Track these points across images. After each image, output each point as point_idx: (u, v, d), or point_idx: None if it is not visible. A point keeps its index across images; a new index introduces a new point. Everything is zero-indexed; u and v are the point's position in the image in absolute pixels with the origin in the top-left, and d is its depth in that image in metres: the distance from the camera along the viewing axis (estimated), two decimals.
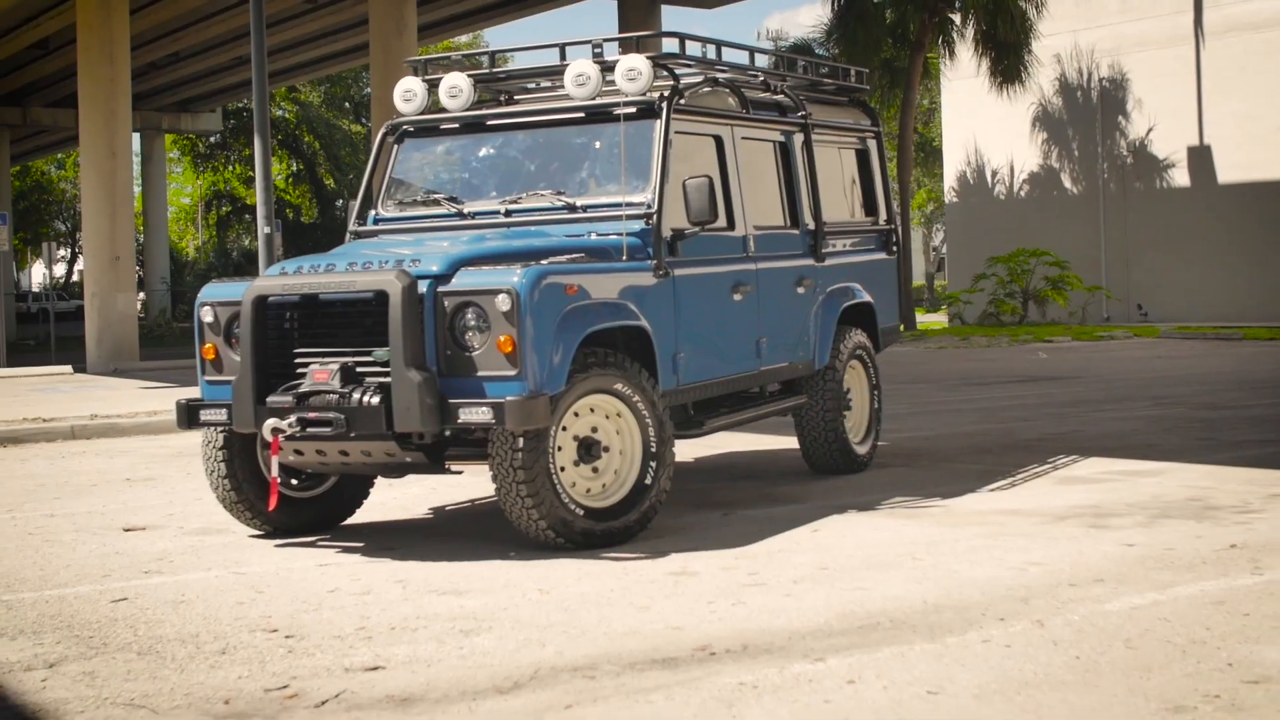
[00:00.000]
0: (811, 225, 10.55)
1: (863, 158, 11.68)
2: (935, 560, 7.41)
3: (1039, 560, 7.31)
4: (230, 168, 67.33)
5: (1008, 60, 35.79)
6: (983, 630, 5.90)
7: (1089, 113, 39.29)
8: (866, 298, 11.12)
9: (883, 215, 11.76)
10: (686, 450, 12.25)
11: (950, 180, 43.67)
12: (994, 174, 41.76)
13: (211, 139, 64.83)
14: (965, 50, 36.60)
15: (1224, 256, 35.96)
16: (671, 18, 40.70)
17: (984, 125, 41.09)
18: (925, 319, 45.68)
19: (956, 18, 36.08)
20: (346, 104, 66.73)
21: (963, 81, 40.09)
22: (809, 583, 6.95)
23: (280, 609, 6.78)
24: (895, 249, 11.82)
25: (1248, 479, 9.95)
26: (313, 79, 57.92)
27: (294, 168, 65.46)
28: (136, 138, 52.64)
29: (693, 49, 9.65)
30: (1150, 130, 37.66)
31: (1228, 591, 6.49)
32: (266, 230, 17.28)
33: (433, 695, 5.24)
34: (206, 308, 8.59)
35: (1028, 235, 38.26)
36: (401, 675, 5.52)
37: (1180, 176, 37.23)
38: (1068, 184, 40.03)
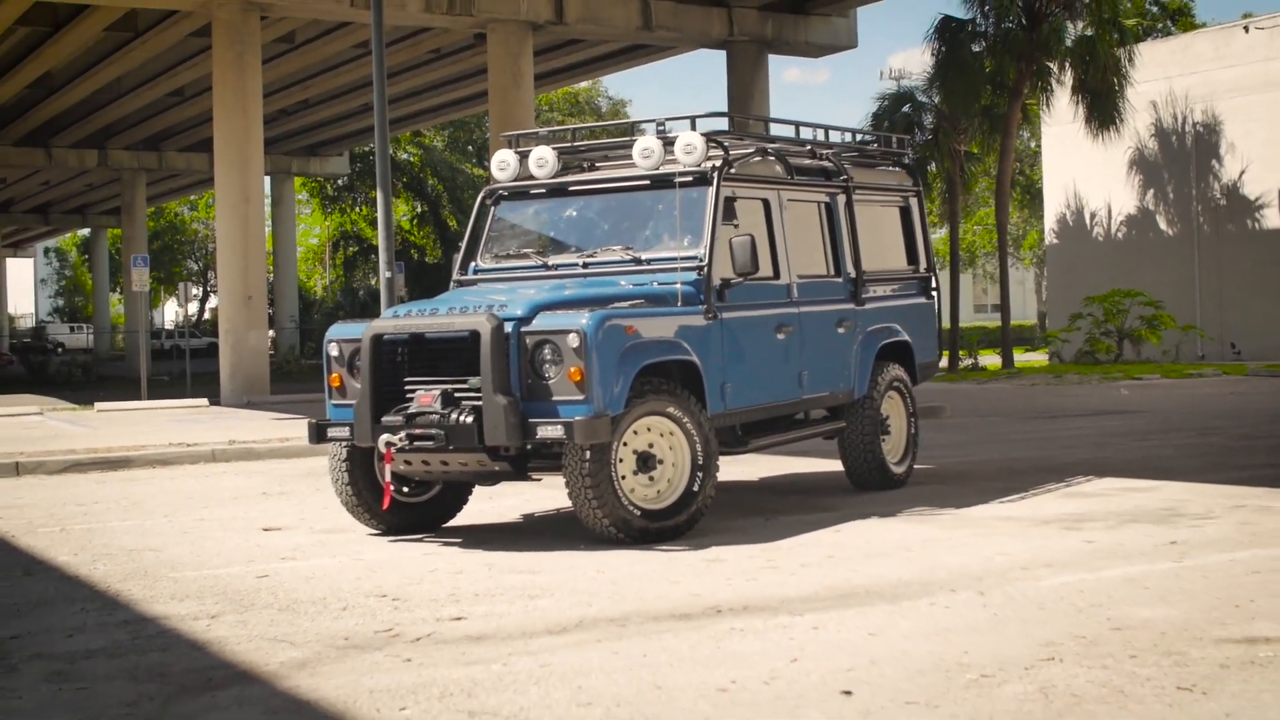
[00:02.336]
0: (853, 273, 12.16)
1: (905, 214, 13.30)
2: (925, 553, 8.99)
3: (1008, 552, 8.88)
4: (357, 209, 69.54)
5: (1103, 106, 36.79)
6: (934, 598, 7.50)
7: (1183, 156, 40.45)
8: (904, 336, 12.69)
9: (923, 264, 13.35)
10: (751, 470, 13.92)
11: (1050, 222, 44.93)
12: (1092, 216, 42.96)
13: (339, 181, 67.14)
14: (1063, 96, 37.65)
15: None
16: (779, 65, 42.34)
17: (1082, 169, 42.35)
18: (1027, 357, 46.81)
19: (1053, 66, 37.12)
20: (469, 147, 68.74)
21: (1061, 127, 41.31)
22: (814, 567, 8.58)
23: (389, 582, 8.53)
24: (934, 294, 13.39)
25: (1224, 494, 11.39)
26: (436, 125, 60.03)
27: (418, 209, 67.49)
28: (267, 181, 55.06)
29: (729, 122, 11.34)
30: (1242, 173, 38.75)
31: (1144, 574, 8.02)
32: (388, 275, 19.25)
33: (500, 634, 6.95)
34: (333, 344, 10.43)
35: (1124, 275, 39.33)
36: (478, 623, 7.25)
37: (1272, 218, 38.30)
38: (1163, 225, 41.16)
